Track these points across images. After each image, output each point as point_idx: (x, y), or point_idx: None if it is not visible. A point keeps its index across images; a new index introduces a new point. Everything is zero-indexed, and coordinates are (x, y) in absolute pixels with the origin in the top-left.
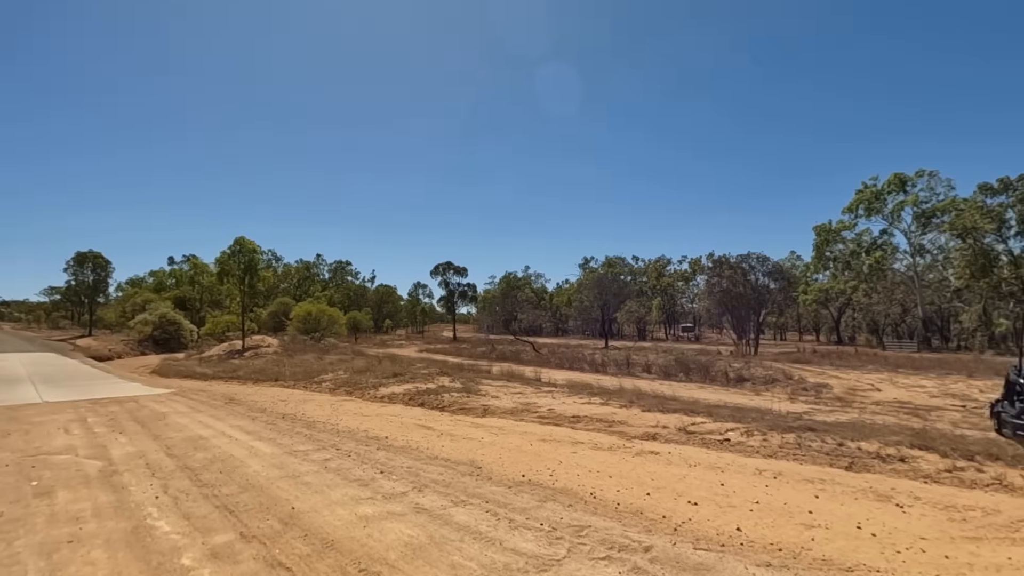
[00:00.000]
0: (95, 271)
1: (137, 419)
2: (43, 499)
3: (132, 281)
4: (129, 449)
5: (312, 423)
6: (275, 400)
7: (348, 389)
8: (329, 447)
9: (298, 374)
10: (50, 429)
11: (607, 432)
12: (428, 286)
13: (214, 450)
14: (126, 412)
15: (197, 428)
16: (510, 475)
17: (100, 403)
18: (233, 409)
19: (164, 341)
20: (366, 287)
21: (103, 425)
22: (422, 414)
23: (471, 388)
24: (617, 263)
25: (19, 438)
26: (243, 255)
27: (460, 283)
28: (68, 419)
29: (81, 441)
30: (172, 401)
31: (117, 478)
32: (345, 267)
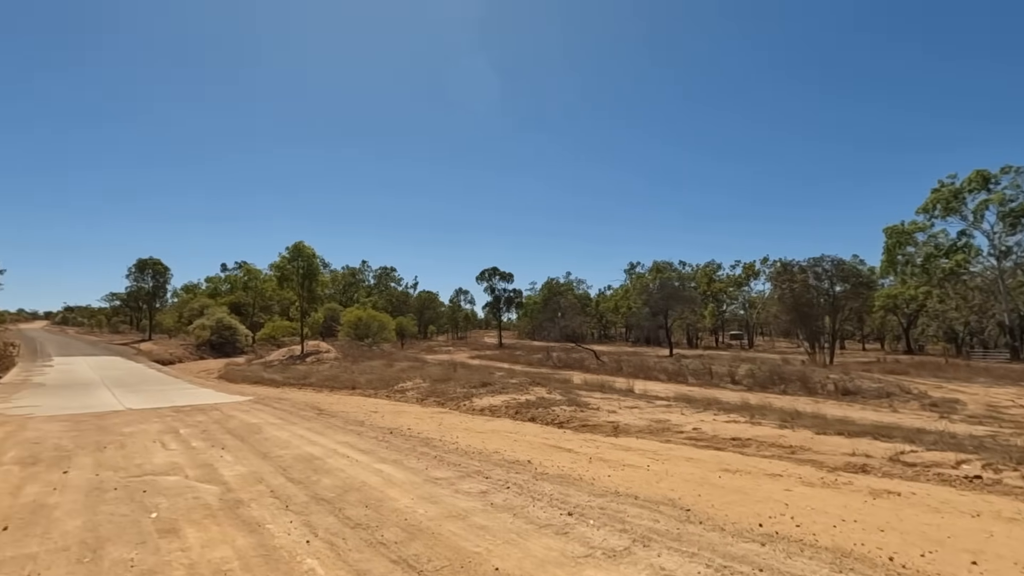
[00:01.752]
0: (155, 277)
1: (230, 431)
2: (170, 539)
3: (187, 287)
4: (240, 469)
5: (427, 440)
6: (366, 411)
7: (439, 400)
8: (473, 474)
9: (373, 382)
10: (144, 442)
11: (794, 461)
12: (469, 292)
13: (338, 474)
14: (215, 423)
15: (303, 444)
16: (738, 522)
17: (184, 411)
18: (328, 422)
19: (220, 345)
20: (408, 293)
21: (198, 438)
22: (542, 431)
23: (576, 401)
24: (665, 268)
25: (116, 453)
26: (301, 260)
27: (506, 289)
28: (159, 430)
29: (184, 458)
30: (257, 410)
31: (245, 511)
32: (389, 273)
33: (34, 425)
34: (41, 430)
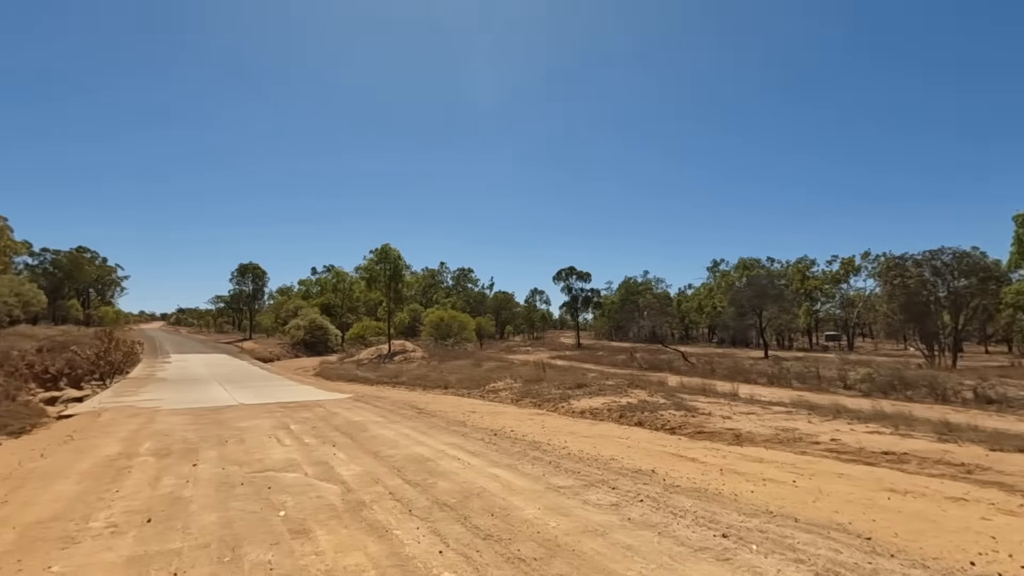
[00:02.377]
0: (254, 281)
1: (338, 428)
2: (302, 541)
3: (281, 290)
4: (355, 469)
5: (535, 444)
6: (464, 412)
7: (535, 401)
8: (597, 483)
9: (464, 381)
10: (260, 438)
11: (974, 482)
12: (545, 292)
13: (453, 477)
14: (321, 420)
15: (410, 445)
16: (941, 558)
17: (290, 408)
18: (429, 421)
19: (313, 344)
20: (485, 294)
21: (309, 435)
22: (654, 437)
23: (682, 405)
24: (753, 265)
25: (236, 447)
26: (388, 262)
27: (583, 288)
28: (271, 425)
29: (299, 455)
30: (359, 408)
31: (369, 513)
32: (467, 274)
33: (161, 418)
34: (168, 423)
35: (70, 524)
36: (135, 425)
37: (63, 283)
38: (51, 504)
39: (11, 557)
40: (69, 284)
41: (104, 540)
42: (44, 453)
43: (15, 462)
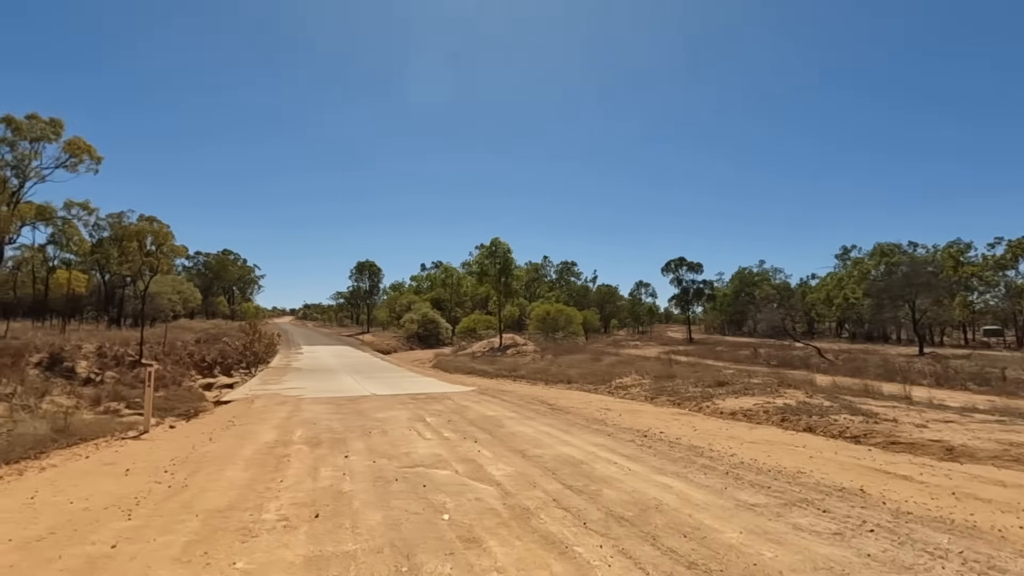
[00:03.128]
0: (370, 277)
1: (473, 423)
2: (477, 552)
3: (394, 285)
4: (506, 469)
5: (694, 449)
6: (597, 408)
7: (673, 400)
8: (798, 502)
9: (587, 376)
10: (401, 430)
11: None
12: (650, 284)
13: (617, 485)
14: (454, 413)
15: (555, 444)
16: None
17: (420, 399)
18: (566, 419)
19: (426, 337)
20: (588, 287)
21: (447, 428)
22: (837, 447)
23: (853, 408)
24: (893, 251)
25: (381, 439)
26: (498, 256)
27: (694, 280)
28: (408, 417)
29: (444, 450)
30: (487, 402)
31: (539, 523)
32: (571, 267)
33: (306, 406)
34: (313, 411)
35: (245, 514)
36: (284, 413)
37: (212, 282)
38: (225, 491)
39: (198, 548)
40: (217, 283)
41: (279, 535)
42: (212, 437)
43: (189, 445)
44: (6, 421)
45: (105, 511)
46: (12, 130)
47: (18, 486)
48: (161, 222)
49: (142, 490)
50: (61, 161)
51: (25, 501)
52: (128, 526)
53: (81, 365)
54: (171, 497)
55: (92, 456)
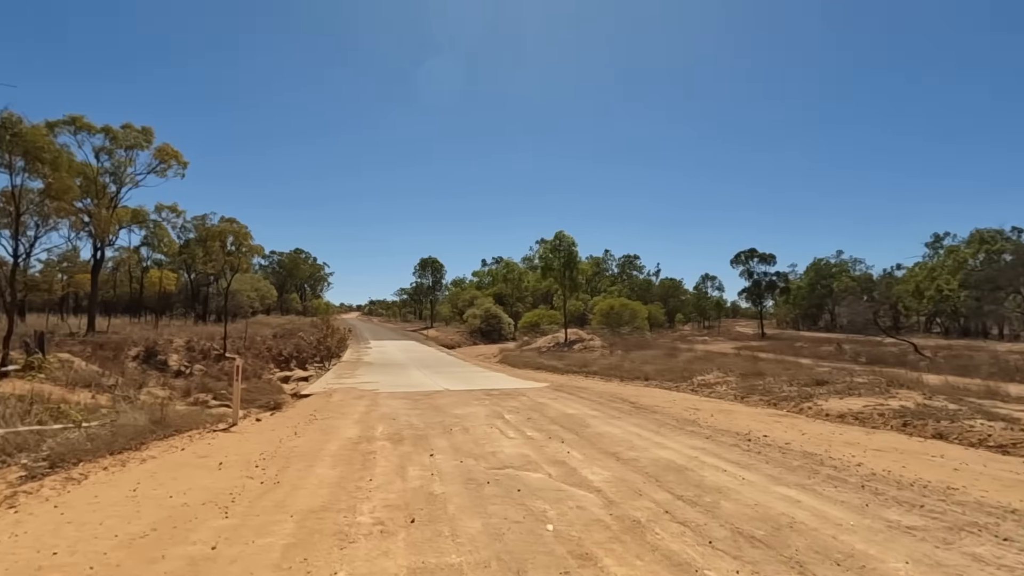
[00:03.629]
0: (433, 273)
1: (554, 421)
2: (595, 573)
3: (455, 281)
4: (603, 473)
5: (810, 456)
6: (685, 408)
7: (767, 400)
8: (967, 527)
9: (664, 373)
10: (482, 427)
11: None
12: (717, 278)
13: (733, 496)
14: (532, 410)
15: (648, 447)
16: None
17: (494, 395)
18: (653, 418)
19: (488, 332)
20: (651, 281)
21: (528, 427)
22: (977, 456)
23: (986, 411)
24: (995, 238)
25: (464, 437)
26: (562, 249)
27: (766, 272)
28: (486, 414)
29: (531, 451)
30: (565, 399)
31: (655, 539)
32: (633, 261)
33: (383, 401)
34: (390, 406)
35: (340, 516)
36: (363, 408)
37: (286, 280)
38: (316, 490)
39: (297, 553)
40: (290, 281)
41: (376, 541)
42: (297, 432)
43: (276, 439)
44: (110, 411)
45: (203, 507)
46: (110, 139)
47: (122, 477)
48: (240, 223)
49: (236, 485)
50: (152, 167)
51: (128, 494)
52: (226, 525)
53: (172, 358)
54: (265, 495)
55: (187, 448)
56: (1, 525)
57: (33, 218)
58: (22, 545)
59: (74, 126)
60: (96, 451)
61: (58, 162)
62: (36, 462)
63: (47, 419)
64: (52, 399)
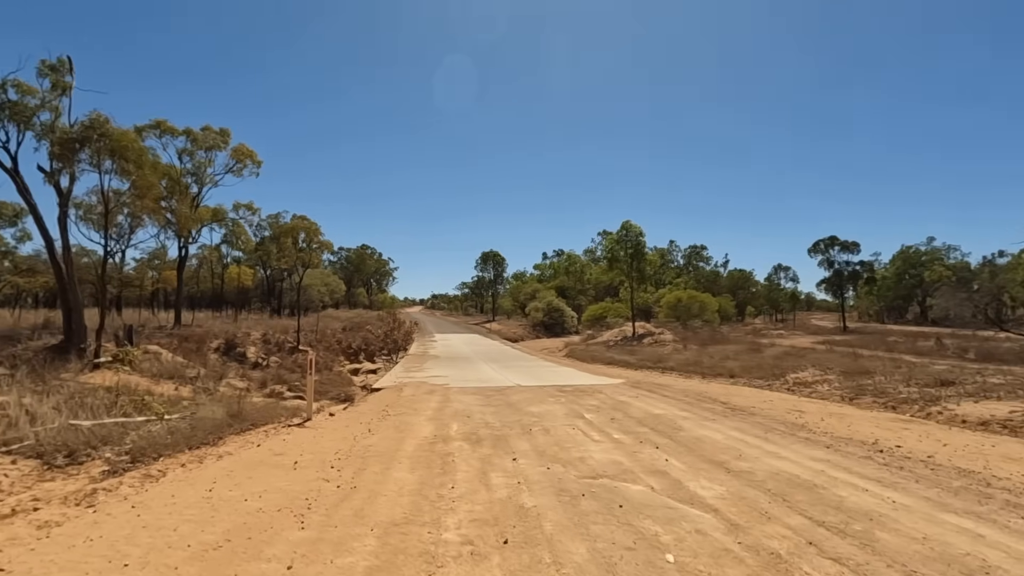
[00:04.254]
0: (495, 267)
1: (642, 422)
2: None
3: (516, 275)
4: (713, 488)
5: (968, 473)
6: (785, 409)
7: (885, 402)
8: None
9: (751, 370)
10: (563, 428)
11: None
12: (791, 268)
13: (890, 525)
14: (614, 409)
15: (760, 456)
16: None
17: (569, 392)
18: (754, 421)
19: (551, 326)
20: (719, 272)
21: (614, 428)
22: None
23: None
24: None
25: (545, 439)
26: (629, 240)
27: (849, 261)
28: (565, 413)
29: (622, 456)
30: (647, 397)
31: None
32: (699, 252)
33: (455, 396)
34: (463, 402)
35: (424, 532)
36: (435, 404)
37: (353, 275)
38: (396, 498)
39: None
40: (357, 276)
41: (468, 567)
42: (371, 428)
43: (351, 436)
44: (191, 404)
45: (278, 514)
46: (191, 141)
47: (199, 475)
48: (310, 220)
49: (312, 489)
50: (229, 167)
51: (204, 494)
52: (302, 538)
53: (250, 351)
54: (342, 502)
55: (263, 444)
56: (79, 527)
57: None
58: (95, 553)
59: (159, 129)
60: (175, 445)
61: (142, 160)
62: (119, 456)
63: (131, 411)
64: (138, 390)
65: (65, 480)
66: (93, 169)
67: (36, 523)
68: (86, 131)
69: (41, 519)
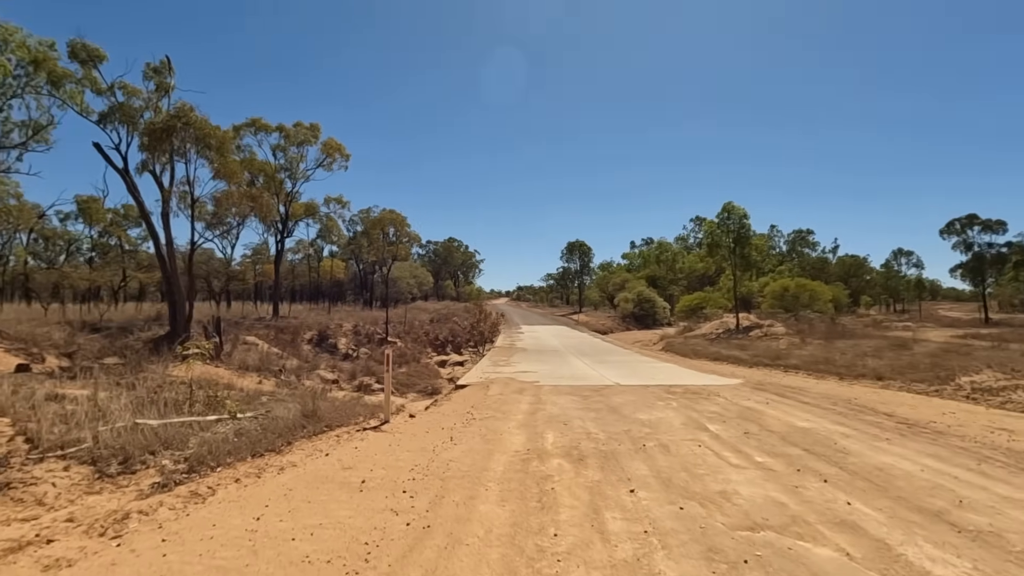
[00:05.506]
0: (581, 257)
1: (786, 439)
2: None
3: (602, 265)
4: (947, 559)
5: None
6: (981, 426)
7: None
8: None
9: (903, 371)
10: (686, 444)
11: None
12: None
13: None
14: (743, 419)
15: (1000, 505)
16: None
17: (677, 394)
18: (953, 445)
19: (642, 317)
20: (827, 259)
21: (752, 446)
22: None
23: None
24: None
25: (667, 461)
26: (732, 223)
27: (992, 243)
28: (682, 423)
29: (780, 492)
30: (778, 403)
31: None
32: (805, 237)
33: (547, 397)
34: (558, 405)
35: None
36: (526, 405)
37: (441, 267)
38: (482, 551)
39: None
40: (445, 268)
41: None
42: (453, 436)
43: (430, 447)
44: (270, 400)
45: (328, 567)
46: (283, 137)
47: (252, 494)
48: (399, 213)
49: (376, 526)
50: (320, 161)
51: (250, 525)
52: None
53: (341, 342)
54: (411, 551)
55: (332, 453)
56: (91, 570)
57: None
58: None
59: (254, 127)
60: (239, 452)
61: (224, 148)
62: (176, 463)
63: (204, 409)
64: (219, 385)
65: (112, 493)
66: (180, 159)
67: (44, 563)
68: (171, 120)
69: (53, 556)
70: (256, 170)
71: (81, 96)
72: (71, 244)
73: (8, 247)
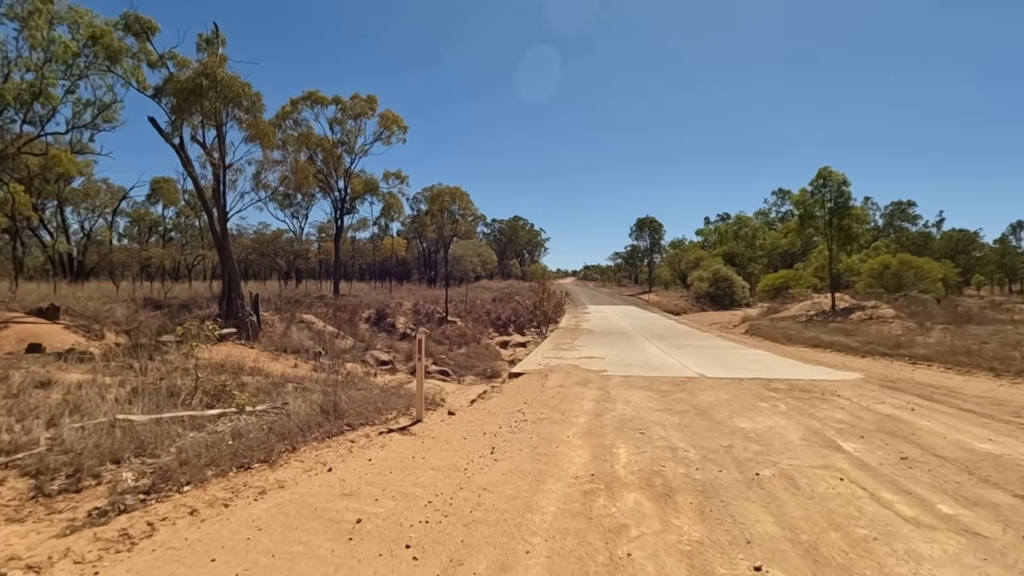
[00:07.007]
0: (651, 234)
1: (972, 471)
2: None
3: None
4: None
5: None
6: None
7: None
8: None
9: None
10: (820, 474)
11: None
12: None
13: None
14: (884, 432)
15: None
16: None
17: (782, 391)
18: None
19: (718, 297)
20: (930, 234)
21: (927, 483)
22: None
23: None
24: None
25: (800, 509)
26: (828, 191)
27: None
28: (800, 436)
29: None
30: (933, 410)
31: None
32: (905, 209)
33: (617, 393)
34: (630, 404)
35: None
36: (590, 403)
37: (506, 246)
38: None
39: None
40: (510, 247)
41: None
42: (495, 447)
43: (462, 463)
44: (295, 389)
45: None
46: (340, 109)
47: (202, 537)
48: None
49: None
50: (378, 135)
51: None
52: None
53: (400, 321)
54: None
55: (337, 468)
56: None
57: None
58: None
59: (310, 100)
60: (220, 462)
61: (256, 107)
62: (139, 478)
63: (210, 400)
64: (244, 369)
65: (36, 523)
66: (211, 124)
67: None
68: (197, 78)
69: None
70: (313, 145)
71: (141, 72)
72: (153, 225)
73: (91, 226)
